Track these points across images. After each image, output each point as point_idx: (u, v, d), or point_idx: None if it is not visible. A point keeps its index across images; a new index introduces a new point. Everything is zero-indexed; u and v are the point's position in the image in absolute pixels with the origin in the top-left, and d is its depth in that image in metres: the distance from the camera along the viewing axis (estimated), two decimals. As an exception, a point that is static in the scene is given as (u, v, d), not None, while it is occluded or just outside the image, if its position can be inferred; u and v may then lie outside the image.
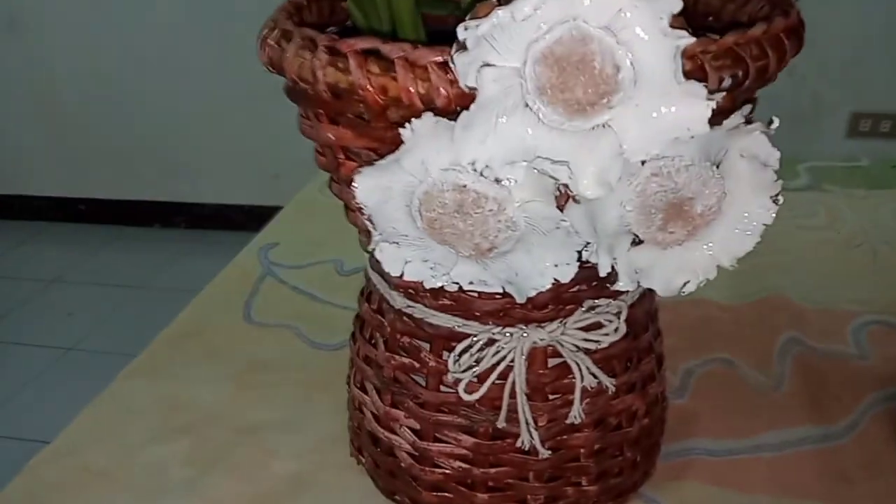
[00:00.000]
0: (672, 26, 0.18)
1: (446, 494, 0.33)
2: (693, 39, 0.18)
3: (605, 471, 0.33)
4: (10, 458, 0.56)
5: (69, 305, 1.64)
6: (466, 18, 0.19)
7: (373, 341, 0.34)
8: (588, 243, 0.23)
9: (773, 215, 0.24)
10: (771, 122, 0.23)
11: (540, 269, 0.24)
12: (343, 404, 0.40)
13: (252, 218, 1.84)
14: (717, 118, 0.21)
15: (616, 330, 0.29)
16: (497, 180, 0.21)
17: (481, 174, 0.21)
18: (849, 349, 0.47)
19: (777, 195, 0.24)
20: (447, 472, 0.33)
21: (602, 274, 0.24)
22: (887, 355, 0.46)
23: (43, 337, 1.53)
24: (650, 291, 0.33)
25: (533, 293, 0.24)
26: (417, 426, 0.33)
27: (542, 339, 0.29)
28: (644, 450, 0.35)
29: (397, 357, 0.32)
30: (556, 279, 0.24)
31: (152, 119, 1.86)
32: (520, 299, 0.25)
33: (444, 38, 0.22)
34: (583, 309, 0.29)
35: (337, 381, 0.42)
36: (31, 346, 1.51)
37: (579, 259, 0.24)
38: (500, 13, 0.18)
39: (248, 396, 0.45)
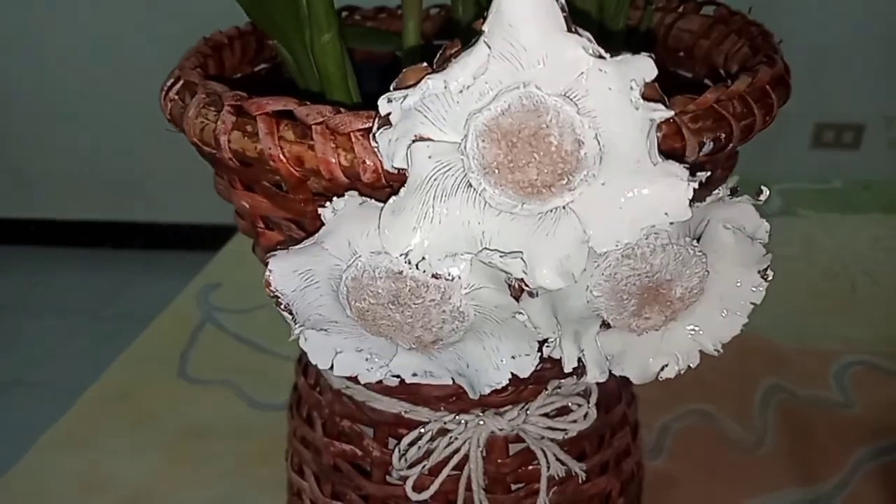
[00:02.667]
0: (645, 97, 0.14)
1: None
2: (671, 113, 0.15)
3: (576, 563, 0.30)
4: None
5: (14, 334, 1.56)
6: (392, 86, 0.15)
7: (310, 422, 0.30)
8: (548, 338, 0.19)
9: (763, 293, 0.21)
10: (760, 192, 0.19)
11: (495, 362, 0.20)
12: (284, 482, 0.36)
13: (211, 237, 1.78)
14: (698, 192, 0.17)
15: (586, 416, 0.25)
16: (436, 276, 0.17)
17: (416, 267, 0.17)
18: (833, 395, 0.44)
19: (766, 270, 0.21)
20: (398, 572, 0.29)
21: (567, 368, 0.20)
22: (873, 402, 0.43)
23: (-15, 369, 1.45)
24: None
25: (488, 390, 0.21)
26: (362, 522, 0.29)
27: (501, 429, 0.25)
28: (619, 531, 0.31)
29: (337, 443, 0.28)
30: (513, 373, 0.21)
31: (103, 135, 1.79)
32: (473, 396, 0.21)
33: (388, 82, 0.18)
34: (547, 392, 0.25)
35: (280, 449, 0.38)
36: (-29, 380, 1.43)
37: (540, 349, 0.20)
38: (431, 83, 0.14)
39: (180, 471, 0.40)
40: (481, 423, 0.25)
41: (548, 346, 0.19)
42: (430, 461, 0.26)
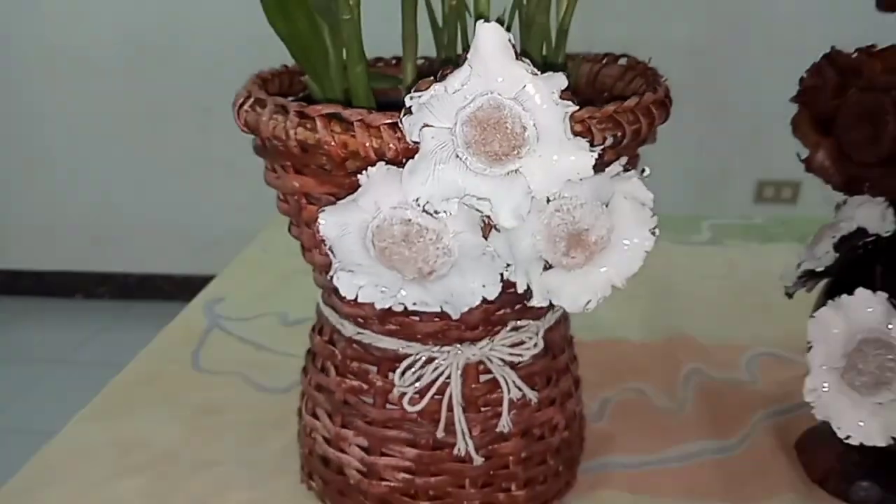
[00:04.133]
0: (561, 97, 0.24)
1: (393, 506, 0.37)
2: (577, 108, 0.25)
3: (531, 478, 0.38)
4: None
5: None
6: (410, 91, 0.25)
7: (324, 370, 0.38)
8: (508, 265, 0.29)
9: (652, 243, 0.30)
10: (643, 170, 0.29)
11: (471, 289, 0.29)
12: (292, 441, 0.44)
13: (181, 288, 1.81)
14: (600, 167, 0.27)
15: (535, 345, 0.34)
16: (436, 212, 0.26)
17: (423, 209, 0.27)
18: (742, 376, 0.53)
19: (654, 228, 0.31)
20: (392, 484, 0.37)
21: (520, 291, 0.29)
22: (774, 380, 0.53)
23: (-44, 416, 1.45)
24: (564, 319, 0.39)
25: (465, 309, 0.30)
26: (365, 443, 0.37)
27: (474, 355, 0.34)
28: (565, 461, 0.40)
29: (347, 380, 0.37)
30: (484, 297, 0.30)
31: (74, 186, 1.83)
32: (455, 315, 0.30)
33: (387, 106, 0.28)
34: (507, 329, 0.34)
35: (285, 421, 0.46)
36: (-58, 425, 1.43)
37: (502, 280, 0.30)
38: (436, 87, 0.24)
39: (201, 436, 0.47)
40: (459, 351, 0.34)
41: (507, 272, 0.29)
42: (421, 383, 0.34)
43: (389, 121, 0.27)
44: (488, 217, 0.27)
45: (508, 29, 0.26)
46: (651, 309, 0.64)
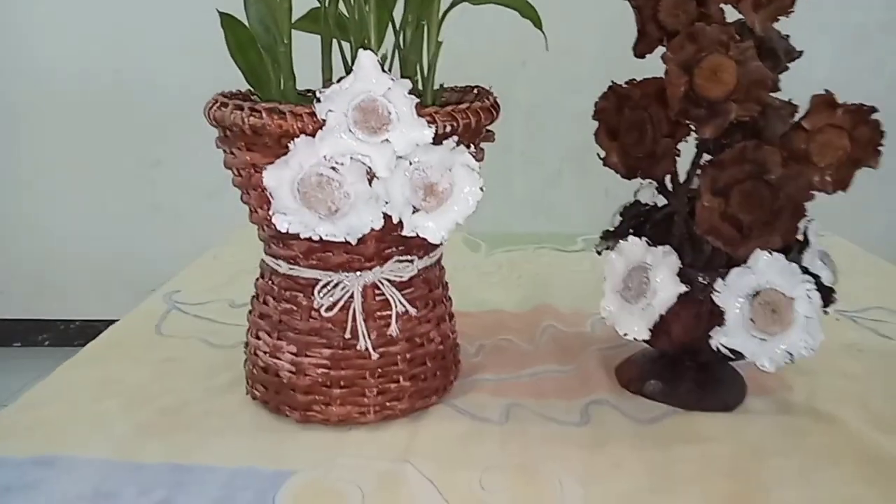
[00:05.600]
0: (410, 93, 0.42)
1: (315, 396, 0.52)
2: (417, 100, 0.42)
3: (414, 374, 0.53)
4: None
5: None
6: (320, 91, 0.42)
7: (265, 302, 0.53)
8: (387, 203, 0.45)
9: (480, 195, 0.47)
10: (481, 151, 0.47)
11: (364, 222, 0.46)
12: (239, 376, 0.58)
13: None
14: (440, 140, 0.45)
15: (411, 269, 0.50)
16: (338, 164, 0.43)
17: (331, 166, 0.43)
18: (586, 330, 0.71)
19: (481, 187, 0.48)
20: (314, 377, 0.52)
21: (395, 222, 0.46)
22: (608, 333, 0.70)
23: None
24: (438, 265, 0.56)
25: (360, 236, 0.46)
26: (294, 349, 0.52)
27: (370, 279, 0.50)
28: (441, 368, 0.56)
29: (282, 304, 0.52)
30: (372, 228, 0.46)
31: (13, 233, 1.89)
32: (353, 242, 0.46)
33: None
34: (393, 261, 0.51)
35: (233, 364, 0.60)
36: None
37: (385, 216, 0.46)
38: (335, 86, 0.41)
39: (165, 374, 0.61)
40: (359, 276, 0.50)
41: (386, 209, 0.45)
42: (334, 298, 0.50)
43: (308, 110, 0.43)
44: (370, 169, 0.43)
45: (392, 64, 0.43)
46: (528, 292, 0.81)
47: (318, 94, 0.42)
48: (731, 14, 0.52)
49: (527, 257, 0.93)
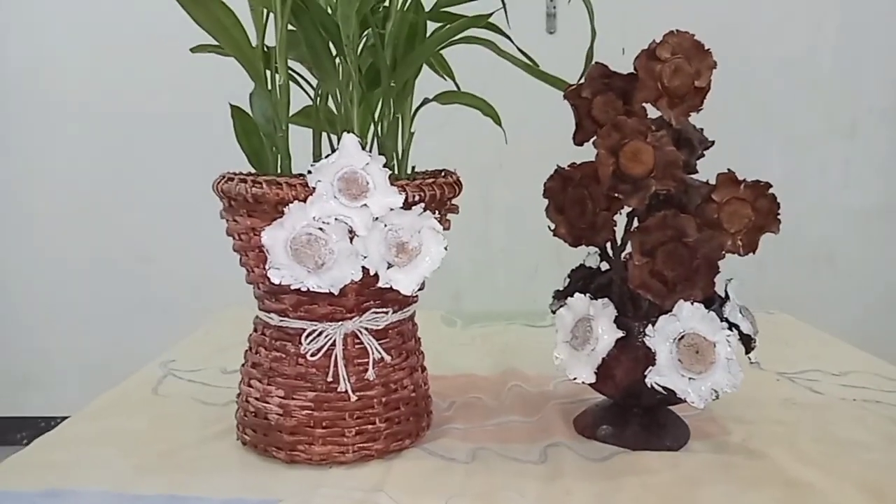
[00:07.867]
0: (385, 166, 0.51)
1: (299, 437, 0.58)
2: (390, 172, 0.52)
3: (389, 417, 0.60)
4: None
5: None
6: (312, 165, 0.51)
7: (257, 353, 0.61)
8: (365, 258, 0.54)
9: (444, 254, 0.56)
10: (449, 216, 0.56)
11: (345, 275, 0.54)
12: (229, 427, 0.64)
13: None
14: (409, 207, 0.54)
15: (386, 319, 0.58)
16: (325, 224, 0.52)
17: (318, 227, 0.52)
18: (549, 389, 0.78)
19: (445, 246, 0.56)
20: (299, 418, 0.58)
21: (371, 274, 0.54)
22: (569, 391, 0.77)
23: None
24: (412, 320, 0.63)
25: (342, 286, 0.54)
26: (282, 393, 0.58)
27: (350, 327, 0.57)
28: (414, 413, 0.62)
29: (272, 353, 0.59)
30: (353, 280, 0.54)
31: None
32: (336, 292, 0.54)
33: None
34: (371, 312, 0.58)
35: (224, 418, 0.66)
36: None
37: (364, 270, 0.54)
38: (323, 161, 0.51)
39: (161, 425, 0.66)
40: (341, 325, 0.57)
41: (365, 265, 0.54)
42: (318, 345, 0.57)
43: (301, 181, 0.53)
44: (352, 229, 0.52)
45: (371, 147, 0.53)
46: (497, 359, 0.88)
47: (309, 168, 0.52)
48: (653, 112, 0.64)
49: (498, 331, 1.01)
